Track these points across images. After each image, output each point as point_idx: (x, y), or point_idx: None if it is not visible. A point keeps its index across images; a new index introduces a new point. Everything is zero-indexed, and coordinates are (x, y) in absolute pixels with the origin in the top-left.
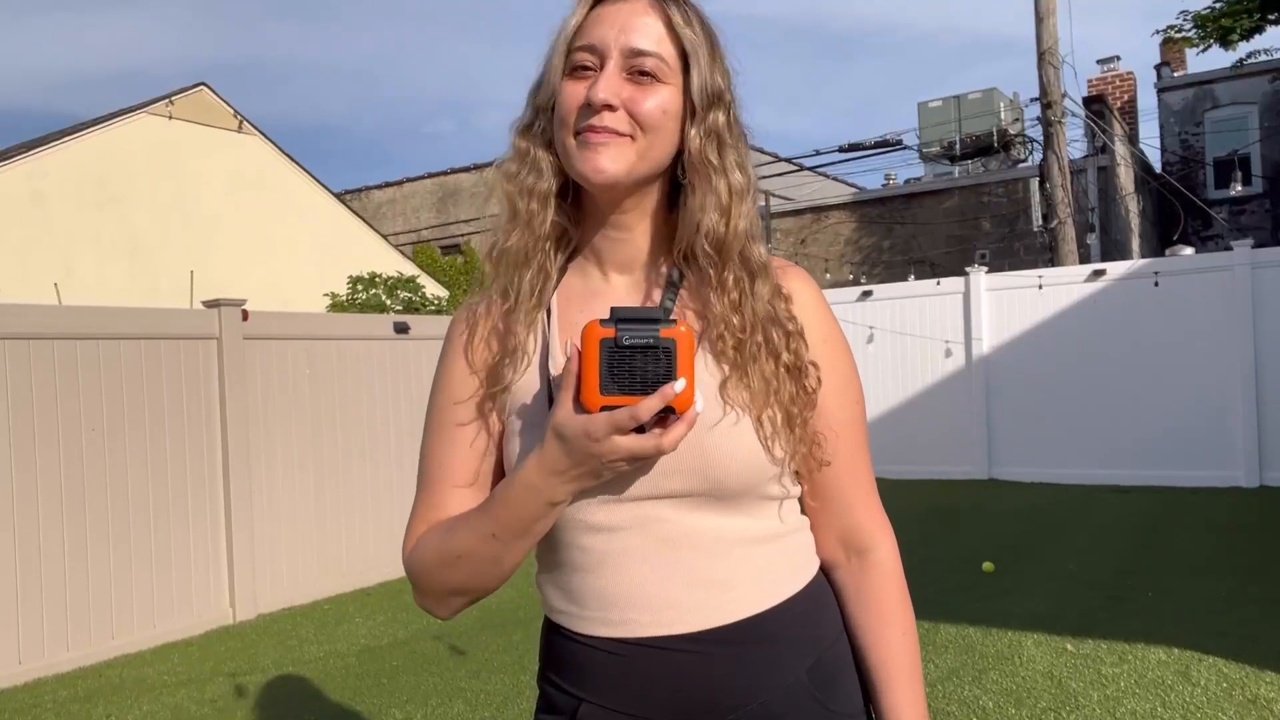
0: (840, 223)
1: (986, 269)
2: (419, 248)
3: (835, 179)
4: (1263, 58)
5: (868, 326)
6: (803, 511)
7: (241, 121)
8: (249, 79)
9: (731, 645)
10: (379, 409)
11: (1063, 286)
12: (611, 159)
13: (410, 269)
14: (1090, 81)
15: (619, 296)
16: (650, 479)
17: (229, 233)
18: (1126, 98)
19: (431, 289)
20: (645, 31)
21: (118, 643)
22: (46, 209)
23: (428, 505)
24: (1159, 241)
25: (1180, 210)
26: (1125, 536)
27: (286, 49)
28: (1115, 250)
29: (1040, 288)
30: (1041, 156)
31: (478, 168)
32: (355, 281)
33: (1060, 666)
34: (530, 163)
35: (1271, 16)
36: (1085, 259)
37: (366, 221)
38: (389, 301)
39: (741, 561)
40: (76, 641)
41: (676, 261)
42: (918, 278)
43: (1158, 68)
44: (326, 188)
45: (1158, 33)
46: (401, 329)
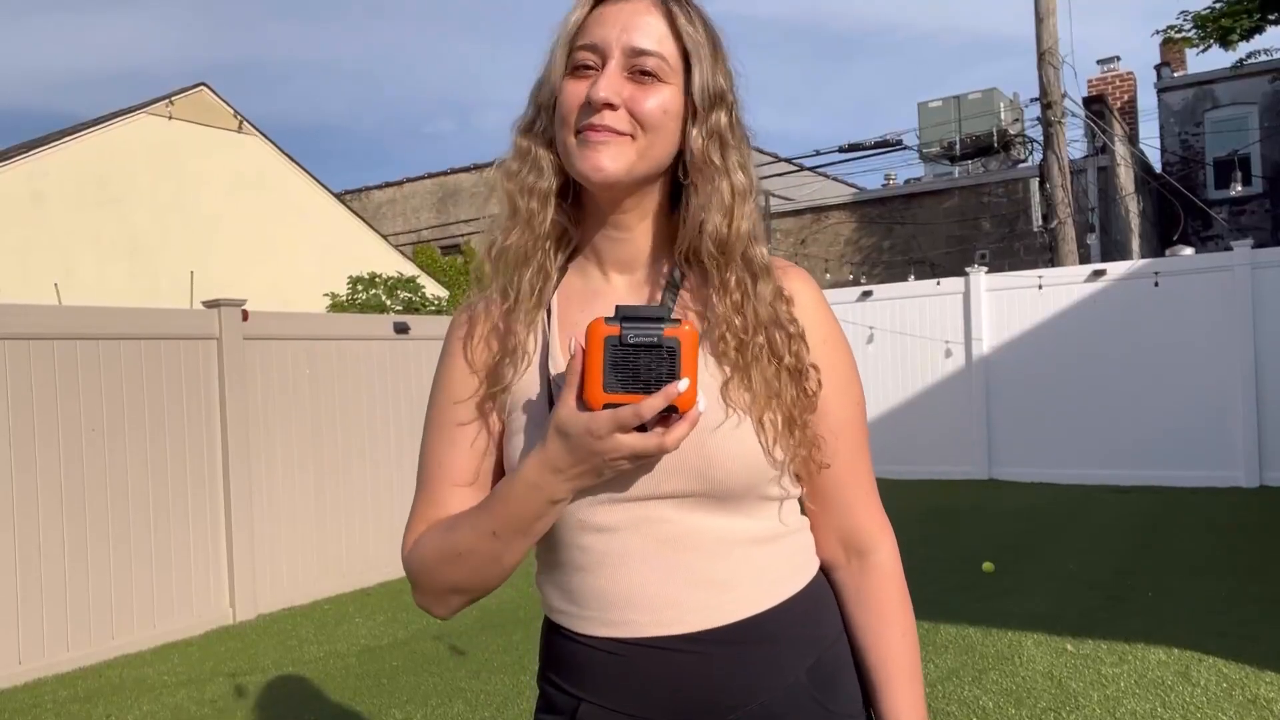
0: (840, 223)
1: (986, 269)
2: (419, 248)
3: (835, 179)
4: (1263, 58)
5: (868, 326)
6: (803, 512)
7: (241, 121)
8: (249, 79)
9: (731, 645)
10: (379, 409)
11: (1063, 287)
12: (611, 158)
13: (410, 269)
14: (1090, 81)
15: (619, 296)
16: (650, 479)
17: (229, 233)
18: (1126, 98)
19: (431, 289)
20: (647, 31)
21: (118, 643)
22: (46, 209)
23: (427, 504)
24: (1159, 242)
25: (1180, 210)
26: (1125, 536)
27: (286, 49)
28: (1115, 250)
29: (1040, 288)
30: (1041, 157)
31: (478, 168)
32: (355, 281)
33: (1060, 666)
34: (531, 161)
35: (1271, 16)
36: (1085, 259)
37: (366, 221)
38: (389, 302)
39: (741, 562)
40: (76, 641)
41: (678, 262)
42: (918, 278)
43: (1158, 68)
44: (326, 188)
45: (1158, 33)
46: (401, 329)
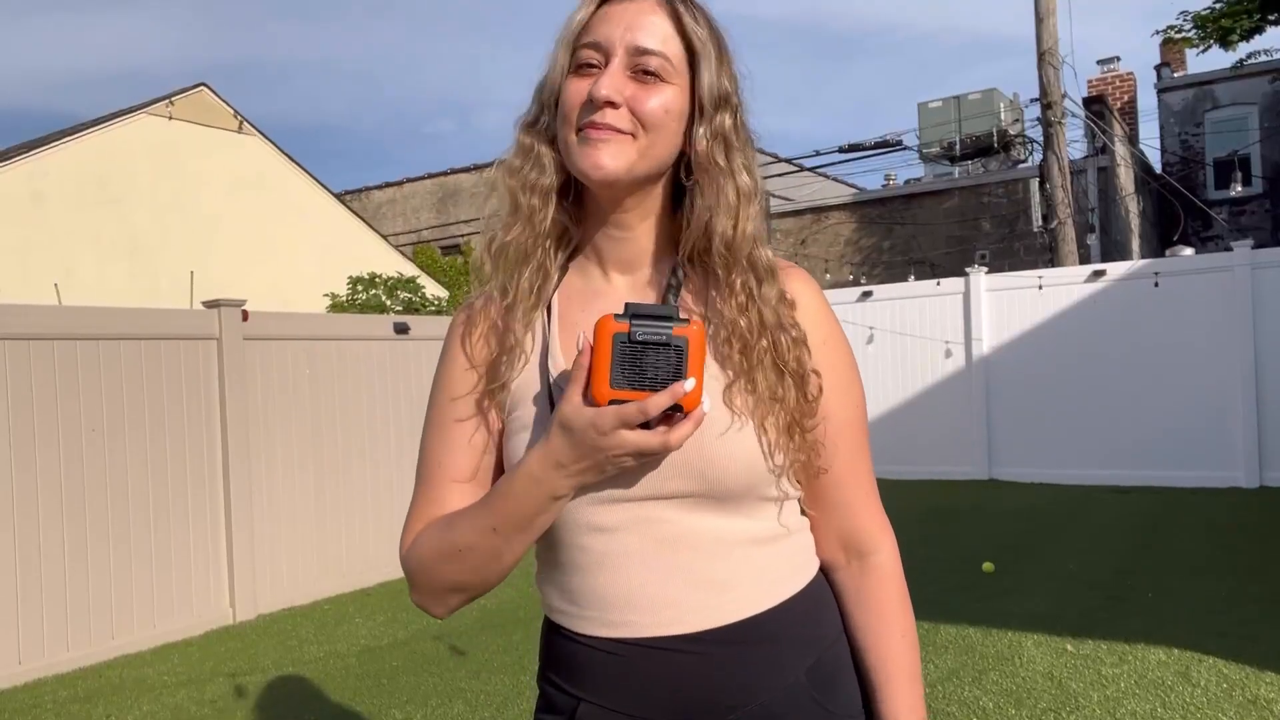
0: (840, 223)
1: (986, 269)
2: (419, 248)
3: (835, 179)
4: (1263, 58)
5: (868, 327)
6: (803, 512)
7: (241, 122)
8: (249, 79)
9: (731, 645)
10: (379, 409)
11: (1063, 287)
12: (612, 156)
13: (410, 269)
14: (1090, 82)
15: (619, 296)
16: (650, 479)
17: (229, 233)
18: (1126, 98)
19: (431, 289)
20: (651, 30)
21: (118, 643)
22: (46, 209)
23: (426, 501)
24: (1159, 242)
25: (1180, 211)
26: (1125, 536)
27: (286, 49)
28: (1115, 251)
29: (1040, 288)
30: (1041, 157)
31: (478, 168)
32: (355, 282)
33: (1060, 667)
34: (533, 158)
35: (1271, 17)
36: (1085, 259)
37: (366, 222)
38: (389, 302)
39: (741, 562)
40: (76, 641)
41: (680, 263)
42: (918, 278)
43: (1158, 68)
44: (326, 188)
45: (1158, 33)
46: (401, 329)
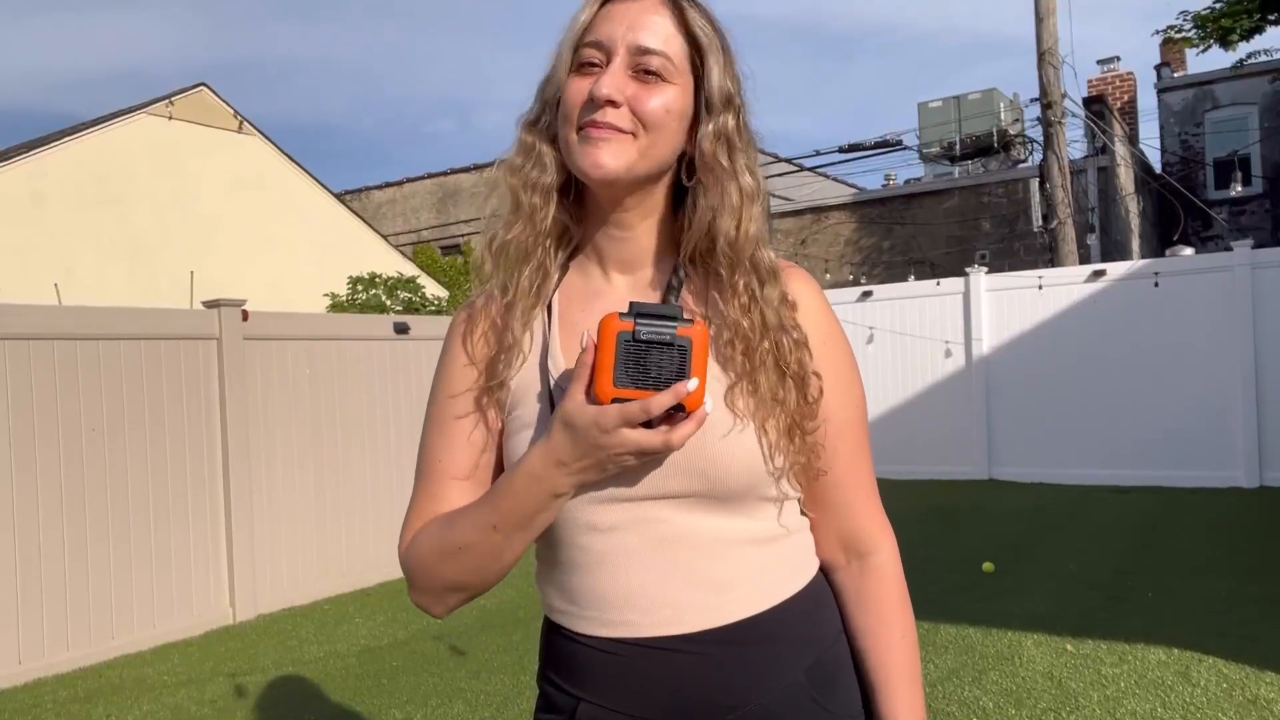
0: (840, 223)
1: (986, 269)
2: (419, 248)
3: (835, 179)
4: (1263, 58)
5: (868, 327)
6: (802, 512)
7: (241, 122)
8: (249, 79)
9: (730, 645)
10: (379, 409)
11: (1063, 287)
12: (612, 155)
13: (410, 269)
14: (1090, 82)
15: (620, 296)
16: (650, 479)
17: (229, 233)
18: (1126, 98)
19: (431, 289)
20: (653, 30)
21: (118, 643)
22: (46, 209)
23: (425, 499)
24: (1159, 242)
25: (1180, 211)
26: (1125, 536)
27: (286, 49)
28: (1115, 251)
29: (1040, 288)
30: (1041, 157)
31: (478, 168)
32: (355, 282)
33: (1060, 666)
34: (535, 157)
35: (1271, 16)
36: (1085, 259)
37: (366, 222)
38: (389, 302)
39: (740, 562)
40: (76, 641)
41: (681, 263)
42: (918, 278)
43: (1158, 68)
44: (326, 188)
45: (1158, 33)
46: (401, 329)
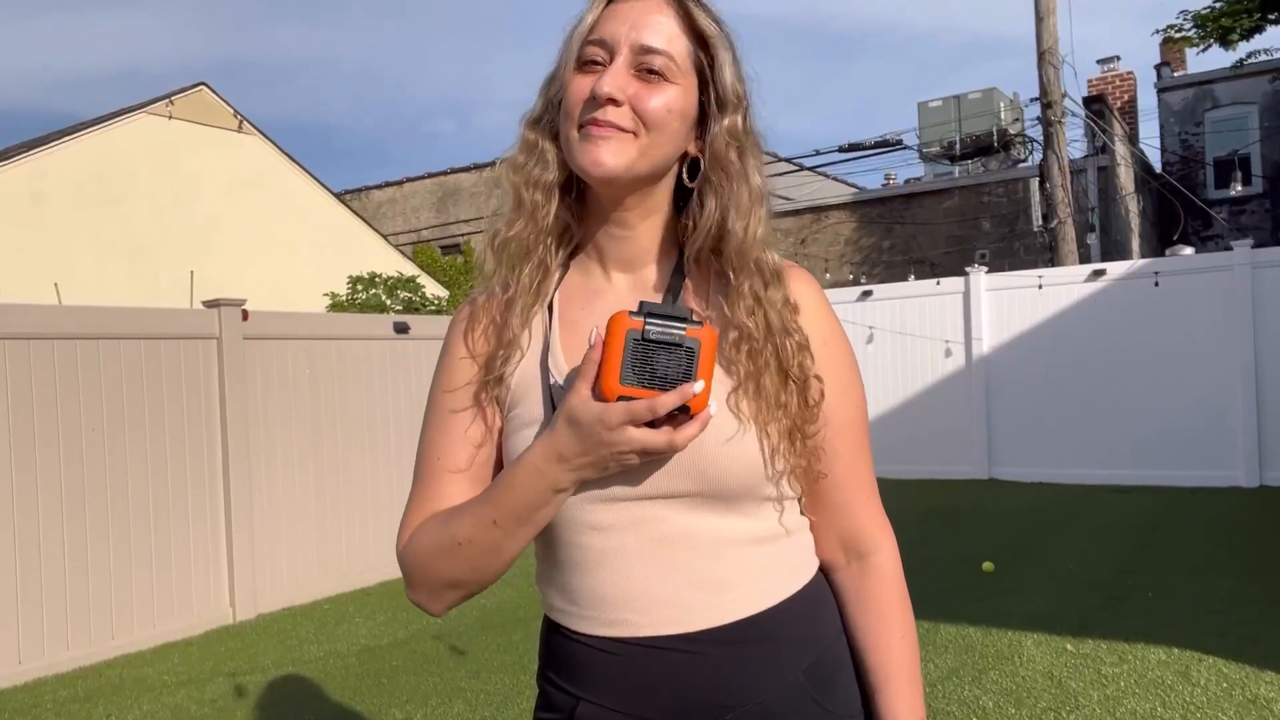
0: (840, 223)
1: (986, 269)
2: (419, 248)
3: (835, 179)
4: (1263, 58)
5: (868, 326)
6: (802, 513)
7: (241, 121)
8: (249, 79)
9: (729, 645)
10: (379, 409)
11: (1063, 286)
12: (612, 153)
13: (410, 269)
14: (1090, 81)
15: (620, 295)
16: (650, 479)
17: (228, 232)
18: (1126, 98)
19: (431, 289)
20: (657, 29)
21: (118, 643)
22: (46, 209)
23: (422, 495)
24: (1159, 241)
25: (1180, 210)
26: (1125, 536)
27: (286, 49)
28: (1115, 250)
29: (1040, 288)
30: (1041, 156)
31: (478, 167)
32: (355, 281)
33: (1060, 666)
34: (537, 154)
35: (1271, 16)
36: (1085, 259)
37: (366, 221)
38: (389, 301)
39: (740, 562)
40: (76, 641)
41: (684, 263)
42: (918, 278)
43: (1158, 68)
44: (326, 188)
45: (1158, 33)
46: (401, 329)
